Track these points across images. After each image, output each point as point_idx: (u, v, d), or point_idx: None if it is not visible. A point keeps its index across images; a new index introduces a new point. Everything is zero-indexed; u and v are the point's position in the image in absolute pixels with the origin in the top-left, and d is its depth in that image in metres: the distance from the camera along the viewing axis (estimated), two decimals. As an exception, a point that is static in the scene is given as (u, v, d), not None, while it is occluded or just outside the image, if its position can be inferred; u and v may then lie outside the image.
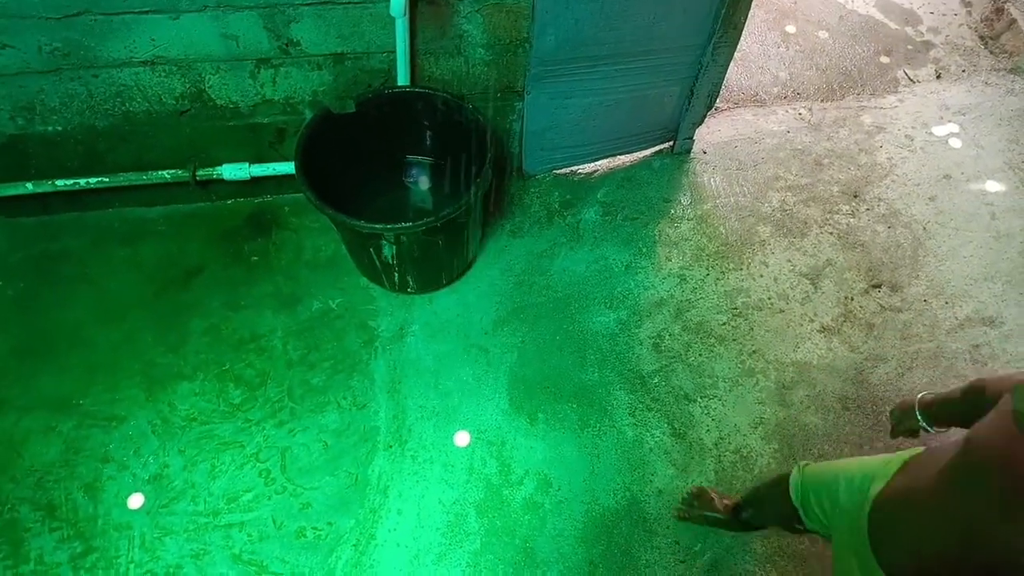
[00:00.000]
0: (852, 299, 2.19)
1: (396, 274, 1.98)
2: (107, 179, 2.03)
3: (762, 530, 1.75)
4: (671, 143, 2.45)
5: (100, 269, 2.09)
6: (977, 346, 2.12)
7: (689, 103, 2.29)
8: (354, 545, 1.71)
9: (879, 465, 1.18)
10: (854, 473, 1.21)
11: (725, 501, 1.73)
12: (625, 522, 1.79)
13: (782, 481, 1.41)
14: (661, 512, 1.80)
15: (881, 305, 2.18)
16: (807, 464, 1.37)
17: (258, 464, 1.81)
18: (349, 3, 1.75)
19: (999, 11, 2.83)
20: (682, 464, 1.87)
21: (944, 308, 2.18)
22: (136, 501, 1.75)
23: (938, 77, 2.76)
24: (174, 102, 1.92)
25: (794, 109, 2.64)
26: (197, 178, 2.06)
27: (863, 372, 2.06)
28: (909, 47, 2.85)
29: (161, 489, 1.76)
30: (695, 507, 1.76)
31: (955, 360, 2.09)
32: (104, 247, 2.13)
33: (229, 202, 2.24)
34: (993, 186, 2.45)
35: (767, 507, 1.57)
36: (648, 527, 1.78)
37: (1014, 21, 2.76)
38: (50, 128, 1.91)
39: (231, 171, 2.06)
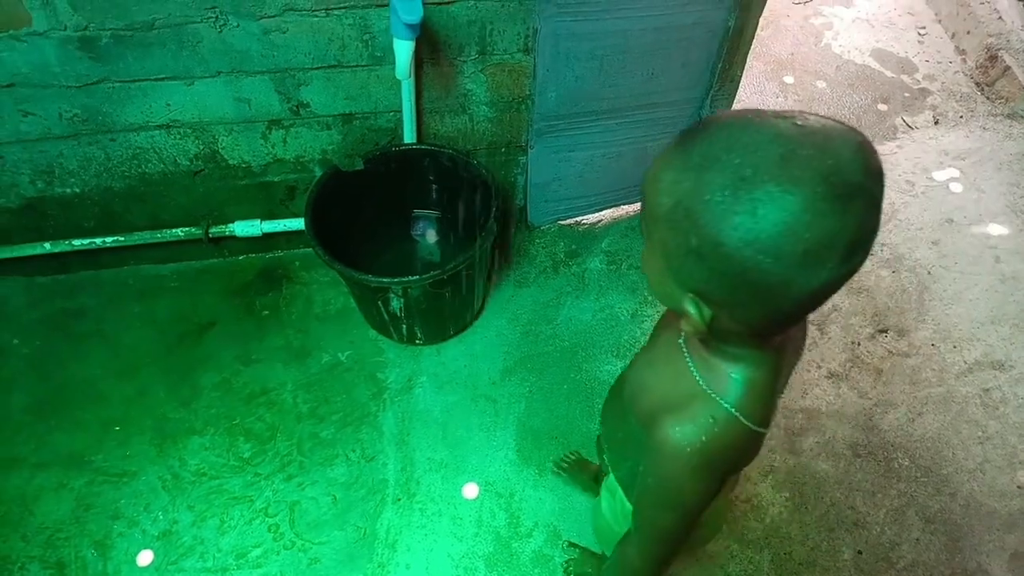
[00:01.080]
0: (859, 344, 2.19)
1: (404, 326, 2.01)
2: (123, 238, 2.09)
3: None
4: (674, 193, 2.49)
5: (115, 325, 2.13)
6: (987, 390, 2.11)
7: (690, 154, 2.33)
8: (363, 601, 1.70)
9: None
10: None
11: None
12: (636, 574, 1.77)
13: None
14: (674, 567, 1.78)
15: (888, 350, 2.18)
16: None
17: (267, 519, 1.81)
18: (357, 66, 1.81)
19: (993, 58, 2.88)
20: (692, 514, 1.86)
21: (952, 352, 2.18)
22: (145, 558, 1.75)
23: (936, 123, 2.81)
24: (188, 163, 1.98)
25: (795, 157, 2.67)
26: (210, 235, 2.11)
27: (873, 418, 2.05)
28: (906, 94, 2.91)
29: (170, 545, 1.77)
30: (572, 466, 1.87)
31: (966, 404, 2.08)
32: (119, 304, 2.18)
33: (241, 258, 2.29)
34: (996, 229, 2.47)
35: None
36: (659, 579, 1.76)
37: (1008, 68, 2.81)
38: (68, 190, 1.97)
39: (243, 228, 2.12)
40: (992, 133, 2.76)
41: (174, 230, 2.11)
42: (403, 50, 1.66)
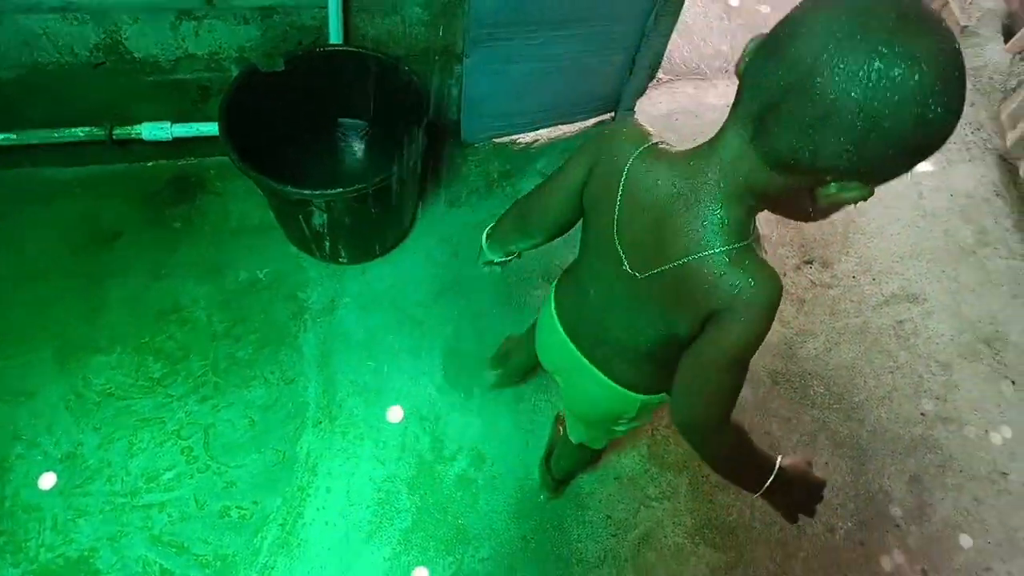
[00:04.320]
0: (785, 275, 2.22)
1: (327, 243, 1.91)
2: (14, 136, 1.89)
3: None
4: (612, 114, 2.42)
5: (9, 235, 1.95)
6: (901, 322, 2.18)
7: (631, 73, 2.26)
8: (281, 524, 1.67)
9: None
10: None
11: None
12: (558, 496, 1.79)
13: None
14: (594, 487, 1.81)
15: (812, 281, 2.22)
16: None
17: (180, 441, 1.73)
18: (277, -45, 1.65)
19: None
20: (616, 438, 1.88)
21: (871, 284, 2.24)
22: (48, 481, 1.65)
23: (874, 55, 2.80)
24: (88, 54, 1.78)
25: (735, 83, 2.63)
26: (114, 137, 1.93)
27: (792, 347, 2.10)
28: (847, 24, 2.88)
29: (75, 468, 1.67)
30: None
31: (880, 335, 2.15)
32: (15, 210, 1.98)
33: (150, 164, 2.12)
34: (921, 165, 2.50)
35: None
36: (580, 501, 1.79)
37: (946, 2, 2.81)
38: (-55, 78, 1.76)
39: (151, 130, 1.94)
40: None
41: (74, 130, 1.92)
42: (328, -61, 1.50)
